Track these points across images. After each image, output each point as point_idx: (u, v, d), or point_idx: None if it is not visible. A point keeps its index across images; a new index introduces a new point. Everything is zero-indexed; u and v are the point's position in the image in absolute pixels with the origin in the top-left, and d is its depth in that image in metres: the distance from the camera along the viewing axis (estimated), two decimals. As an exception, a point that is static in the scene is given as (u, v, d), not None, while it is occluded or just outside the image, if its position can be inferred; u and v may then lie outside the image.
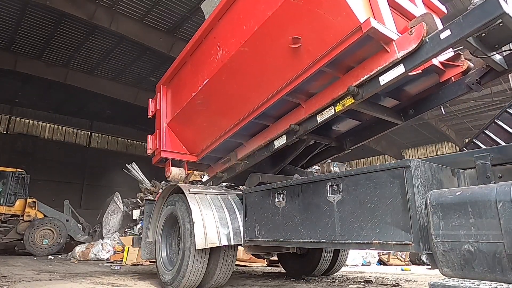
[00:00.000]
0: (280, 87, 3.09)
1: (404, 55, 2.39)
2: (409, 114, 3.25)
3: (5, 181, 11.96)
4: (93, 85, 14.86)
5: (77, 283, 4.40)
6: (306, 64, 2.83)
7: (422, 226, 2.03)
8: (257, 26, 3.01)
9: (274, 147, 3.54)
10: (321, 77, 2.97)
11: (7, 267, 6.69)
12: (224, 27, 3.52)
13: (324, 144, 3.94)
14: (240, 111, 3.56)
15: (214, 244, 3.41)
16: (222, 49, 3.49)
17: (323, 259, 4.74)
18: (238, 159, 4.00)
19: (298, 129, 3.24)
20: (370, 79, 2.61)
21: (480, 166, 2.35)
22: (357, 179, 2.46)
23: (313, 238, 2.75)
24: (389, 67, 2.49)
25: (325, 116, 3.01)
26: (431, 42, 2.29)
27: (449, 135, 18.62)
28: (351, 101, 2.75)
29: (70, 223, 12.43)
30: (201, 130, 4.21)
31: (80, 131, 21.44)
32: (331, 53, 2.65)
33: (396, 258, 8.26)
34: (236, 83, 3.48)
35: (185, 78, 4.26)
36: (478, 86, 2.75)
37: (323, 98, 2.99)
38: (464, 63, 2.84)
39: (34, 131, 19.70)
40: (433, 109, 3.17)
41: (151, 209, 4.52)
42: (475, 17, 2.10)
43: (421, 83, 3.11)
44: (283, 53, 2.93)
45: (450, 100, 3.00)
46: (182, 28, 11.50)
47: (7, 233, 11.46)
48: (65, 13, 10.44)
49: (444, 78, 2.97)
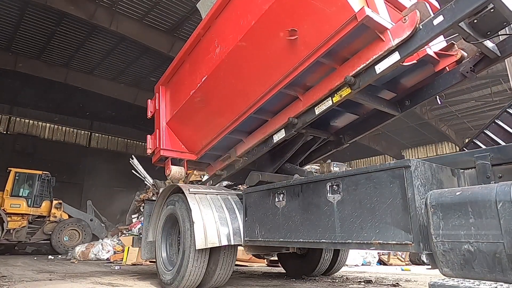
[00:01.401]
0: (278, 80, 3.12)
1: (399, 43, 2.43)
2: (406, 105, 3.29)
3: (32, 183, 12.39)
4: (93, 85, 14.86)
5: (77, 283, 4.40)
6: (303, 56, 2.87)
7: (422, 226, 2.03)
8: (254, 21, 3.06)
9: (273, 141, 3.56)
10: (318, 69, 3.00)
11: (7, 267, 6.69)
12: (222, 24, 3.56)
13: (322, 139, 3.96)
14: (239, 107, 3.58)
15: (214, 244, 3.41)
16: (220, 45, 3.53)
17: (323, 259, 4.74)
18: (237, 155, 4.01)
19: (297, 122, 3.27)
20: (366, 68, 2.65)
21: (480, 166, 2.35)
22: (357, 179, 2.46)
23: (313, 238, 2.75)
24: (384, 56, 2.53)
25: (323, 107, 3.03)
26: (425, 28, 2.34)
27: (449, 135, 18.63)
28: (348, 91, 2.78)
29: (94, 223, 12.85)
30: (200, 128, 4.23)
31: (80, 131, 21.44)
32: (327, 43, 2.68)
33: (396, 258, 8.26)
34: (235, 78, 3.50)
35: (184, 77, 4.28)
36: (472, 74, 2.81)
37: (321, 90, 3.02)
38: (457, 53, 2.90)
39: (34, 131, 19.70)
40: (429, 98, 3.22)
41: (151, 209, 4.52)
42: (466, 2, 2.16)
43: (416, 74, 3.16)
44: (281, 46, 2.98)
45: (445, 90, 3.05)
46: (182, 28, 11.51)
47: (34, 234, 11.86)
48: (65, 13, 10.44)
49: (438, 68, 3.04)
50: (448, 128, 18.35)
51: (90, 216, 13.04)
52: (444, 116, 17.66)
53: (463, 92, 15.08)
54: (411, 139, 20.65)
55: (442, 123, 17.97)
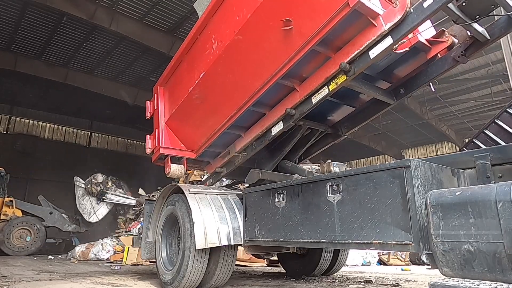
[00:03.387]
0: (275, 70, 3.18)
1: (391, 27, 2.50)
2: (401, 93, 3.37)
3: None
4: (93, 85, 14.83)
5: (77, 283, 4.40)
6: (299, 45, 2.93)
7: (422, 226, 2.03)
8: (249, 14, 3.13)
9: (271, 134, 3.59)
10: (314, 59, 3.07)
11: (7, 267, 6.69)
12: (218, 20, 3.62)
13: (320, 131, 4.00)
14: (237, 100, 3.62)
15: (214, 244, 3.41)
16: (217, 41, 3.59)
17: (323, 259, 4.74)
18: (237, 151, 4.03)
19: (294, 113, 3.31)
20: (360, 54, 2.71)
21: (480, 166, 2.35)
22: (357, 179, 2.46)
23: (313, 238, 2.75)
24: (377, 41, 2.60)
25: (319, 96, 3.09)
26: (415, 11, 2.42)
27: (449, 135, 18.62)
28: (344, 78, 2.84)
29: (54, 216, 12.13)
30: (199, 125, 4.25)
31: (80, 131, 21.40)
32: (321, 31, 2.75)
33: (396, 258, 8.26)
34: (232, 72, 3.55)
35: (182, 76, 4.33)
36: (464, 58, 2.89)
37: (317, 79, 3.09)
38: (448, 39, 2.98)
39: (34, 131, 19.66)
40: (423, 85, 3.28)
41: (151, 209, 4.52)
42: None
43: (410, 63, 3.25)
44: (276, 37, 3.03)
45: (438, 76, 3.13)
46: (182, 28, 11.50)
47: None
48: (65, 13, 10.42)
49: (430, 55, 3.12)
50: (448, 128, 18.33)
51: (48, 209, 12.21)
52: (444, 116, 17.65)
53: (463, 92, 15.08)
54: (411, 139, 20.63)
55: (442, 123, 17.96)
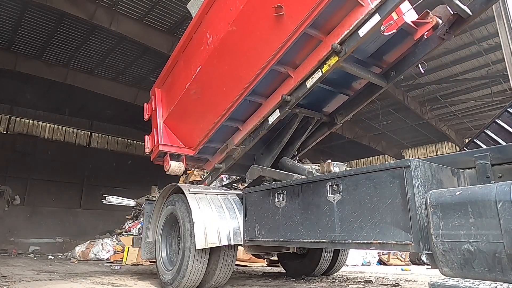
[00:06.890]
0: (269, 57, 3.26)
1: (378, 4, 2.64)
2: (391, 76, 3.48)
3: None
4: (93, 85, 14.82)
5: (77, 283, 4.40)
6: (291, 30, 3.02)
7: (422, 226, 2.03)
8: (242, 5, 3.24)
9: (268, 123, 3.65)
10: (306, 44, 3.18)
11: (7, 267, 6.69)
12: (212, 16, 3.72)
13: (316, 120, 4.05)
14: (234, 91, 3.67)
15: (214, 244, 3.41)
16: (212, 35, 3.69)
17: (323, 259, 4.74)
18: (235, 144, 4.07)
19: (290, 99, 3.40)
20: (350, 34, 2.85)
21: (480, 166, 2.35)
22: (357, 179, 2.46)
23: (313, 238, 2.75)
24: (366, 19, 2.74)
25: (313, 80, 3.20)
26: None
27: (449, 135, 18.61)
28: (336, 59, 2.96)
29: None
30: (197, 120, 4.28)
31: (80, 131, 21.38)
32: (312, 14, 2.86)
33: (396, 258, 8.26)
34: (228, 64, 3.63)
35: (179, 74, 4.38)
36: (449, 35, 3.04)
37: (310, 63, 3.22)
38: (433, 19, 3.11)
39: (34, 131, 19.64)
40: (412, 66, 3.38)
41: (151, 209, 4.52)
42: None
43: (398, 47, 3.39)
44: (269, 24, 3.14)
45: (426, 55, 3.24)
46: (182, 28, 11.48)
47: None
48: (65, 13, 10.41)
49: (417, 36, 3.26)
50: (448, 128, 18.32)
51: None
52: (444, 116, 17.64)
53: (463, 92, 15.07)
54: (411, 139, 20.62)
55: (442, 123, 17.95)
